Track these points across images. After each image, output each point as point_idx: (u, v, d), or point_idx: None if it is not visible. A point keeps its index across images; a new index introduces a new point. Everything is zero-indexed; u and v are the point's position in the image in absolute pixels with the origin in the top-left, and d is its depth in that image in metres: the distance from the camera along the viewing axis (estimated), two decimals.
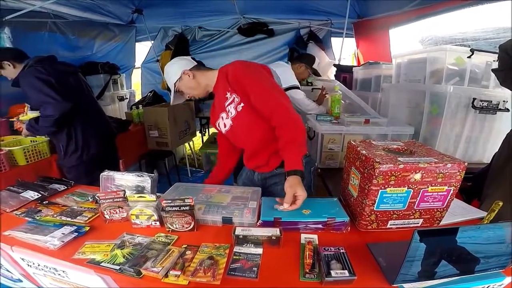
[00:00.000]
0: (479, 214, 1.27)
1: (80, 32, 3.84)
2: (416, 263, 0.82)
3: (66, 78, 2.19)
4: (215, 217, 1.22)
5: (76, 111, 2.17)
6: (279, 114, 1.34)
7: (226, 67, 1.47)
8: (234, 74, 1.41)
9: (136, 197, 1.20)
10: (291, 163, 1.28)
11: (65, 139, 2.21)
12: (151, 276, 0.92)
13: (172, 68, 1.56)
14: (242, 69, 1.41)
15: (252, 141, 1.52)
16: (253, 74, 1.41)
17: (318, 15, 4.75)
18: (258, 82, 1.39)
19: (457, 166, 1.03)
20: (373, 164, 1.02)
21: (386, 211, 1.11)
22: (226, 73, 1.44)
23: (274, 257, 1.02)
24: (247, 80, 1.38)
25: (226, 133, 1.56)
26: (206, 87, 1.56)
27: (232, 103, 1.44)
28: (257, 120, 1.43)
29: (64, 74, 2.19)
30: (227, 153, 1.78)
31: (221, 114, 1.53)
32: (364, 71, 3.42)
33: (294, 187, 1.21)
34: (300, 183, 1.23)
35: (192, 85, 1.55)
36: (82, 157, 2.26)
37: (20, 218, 1.29)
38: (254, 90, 1.37)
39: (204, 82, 1.55)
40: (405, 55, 2.44)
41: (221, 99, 1.50)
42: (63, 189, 1.60)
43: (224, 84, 1.46)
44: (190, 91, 1.57)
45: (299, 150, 1.31)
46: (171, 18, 4.78)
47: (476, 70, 1.92)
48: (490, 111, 1.88)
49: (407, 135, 2.06)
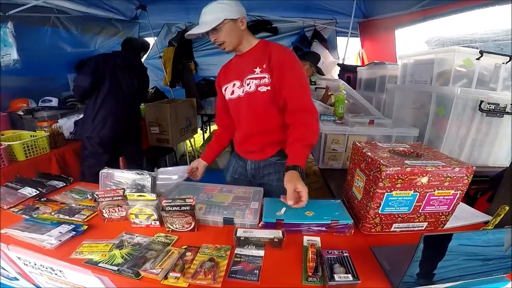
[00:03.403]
0: (484, 218, 1.26)
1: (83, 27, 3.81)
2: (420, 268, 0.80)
3: (110, 69, 2.59)
4: (216, 217, 1.20)
5: (107, 95, 2.58)
6: (304, 115, 1.36)
7: (271, 45, 1.45)
8: (281, 59, 1.39)
9: (135, 195, 1.18)
10: (294, 158, 1.29)
11: (89, 110, 2.59)
12: (150, 277, 0.90)
13: (232, 5, 1.39)
14: (291, 59, 1.41)
15: (253, 122, 1.50)
16: (298, 70, 1.41)
17: (323, 14, 4.70)
18: (299, 80, 1.40)
19: (465, 170, 1.01)
20: (380, 167, 0.99)
21: (391, 214, 1.09)
22: (269, 51, 1.41)
23: (276, 260, 1.00)
24: (290, 72, 1.38)
25: (229, 100, 1.54)
26: (241, 46, 1.48)
27: (257, 79, 1.42)
28: (269, 107, 1.44)
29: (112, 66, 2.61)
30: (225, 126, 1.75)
31: (235, 81, 1.50)
32: (369, 71, 3.38)
33: (294, 182, 1.19)
34: (299, 178, 1.22)
35: (236, 34, 1.42)
36: (93, 132, 2.54)
37: (17, 216, 1.28)
38: (292, 85, 1.38)
39: (244, 40, 1.47)
40: (412, 56, 2.41)
41: (244, 67, 1.47)
42: (62, 185, 1.59)
43: (261, 58, 1.42)
44: (228, 38, 1.41)
45: (306, 150, 1.33)
46: (175, 14, 4.73)
47: (484, 72, 1.88)
48: (497, 114, 1.85)
49: (412, 136, 2.03)
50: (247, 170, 1.62)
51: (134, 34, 4.98)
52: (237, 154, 1.69)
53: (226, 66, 1.63)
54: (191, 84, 4.97)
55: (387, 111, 2.71)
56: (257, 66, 1.42)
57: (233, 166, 1.70)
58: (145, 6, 4.25)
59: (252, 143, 1.55)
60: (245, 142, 1.58)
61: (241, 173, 1.65)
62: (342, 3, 4.17)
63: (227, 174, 1.75)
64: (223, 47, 1.45)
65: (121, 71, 2.67)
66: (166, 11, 4.63)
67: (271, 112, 1.45)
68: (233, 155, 1.75)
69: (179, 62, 4.89)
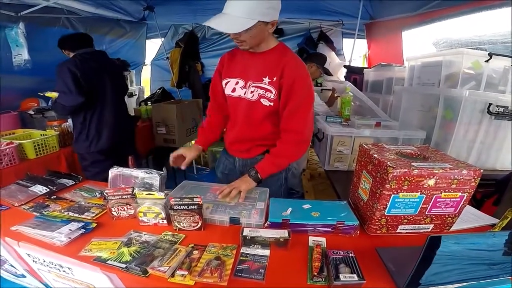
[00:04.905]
0: (490, 221, 1.25)
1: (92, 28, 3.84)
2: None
3: (93, 75, 2.28)
4: (222, 216, 1.21)
5: (94, 106, 2.31)
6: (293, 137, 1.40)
7: (288, 57, 1.36)
8: (294, 78, 1.32)
9: (144, 194, 1.19)
10: (261, 166, 1.41)
11: (79, 127, 2.34)
12: (158, 275, 0.91)
13: (273, 4, 1.23)
14: (303, 79, 1.36)
15: (248, 129, 1.51)
16: (306, 92, 1.37)
17: (330, 16, 4.69)
18: (303, 105, 1.37)
19: (472, 173, 1.01)
20: (387, 169, 1.00)
21: (397, 216, 1.09)
22: (284, 64, 1.33)
23: (282, 259, 1.01)
24: (298, 96, 1.35)
25: (229, 96, 1.50)
26: (258, 47, 1.36)
27: (261, 90, 1.38)
28: (267, 119, 1.44)
29: (93, 71, 2.29)
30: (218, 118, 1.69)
31: (239, 79, 1.44)
32: (376, 73, 3.37)
33: (239, 182, 1.38)
34: (246, 180, 1.39)
35: (260, 37, 1.30)
36: (89, 148, 2.36)
37: (28, 213, 1.30)
38: (295, 107, 1.36)
39: (264, 42, 1.36)
40: (419, 58, 2.40)
41: (252, 69, 1.40)
42: (71, 184, 1.61)
43: (273, 68, 1.35)
44: (250, 40, 1.29)
45: (273, 168, 1.44)
46: (182, 15, 4.76)
47: (493, 75, 1.87)
48: (506, 117, 1.83)
49: (419, 139, 2.02)
50: (235, 166, 1.65)
51: (141, 35, 5.03)
52: (226, 151, 1.70)
53: (231, 56, 1.50)
54: (197, 85, 5.00)
55: (393, 114, 2.70)
56: (267, 75, 1.36)
57: (223, 162, 1.72)
58: (153, 7, 4.29)
59: (243, 145, 1.57)
60: (236, 143, 1.61)
61: (231, 169, 1.67)
62: (349, 4, 4.17)
63: (217, 171, 1.78)
64: (240, 45, 1.34)
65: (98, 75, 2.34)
66: (173, 12, 4.66)
67: (267, 124, 1.46)
68: (222, 153, 1.75)
69: (186, 63, 4.91)
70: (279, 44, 1.40)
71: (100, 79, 2.35)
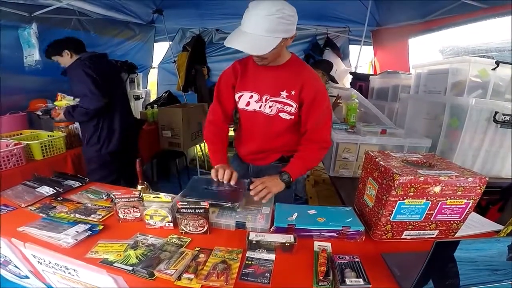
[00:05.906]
0: (495, 227, 1.26)
1: (101, 30, 3.89)
2: None
3: (108, 76, 2.31)
4: (228, 221, 1.21)
5: (108, 107, 2.29)
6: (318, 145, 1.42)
7: (306, 71, 1.38)
8: (314, 93, 1.35)
9: (151, 197, 1.20)
10: (292, 168, 1.39)
11: (91, 130, 2.34)
12: (164, 278, 0.91)
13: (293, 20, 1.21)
14: (322, 93, 1.39)
15: (268, 141, 1.51)
16: (326, 104, 1.41)
17: (336, 22, 4.72)
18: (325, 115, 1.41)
19: (478, 180, 1.02)
20: (393, 176, 1.00)
21: (402, 222, 1.10)
22: (303, 79, 1.34)
23: (287, 264, 1.01)
24: (320, 109, 1.38)
25: (243, 110, 1.46)
26: (274, 61, 1.34)
27: (280, 104, 1.38)
28: (287, 131, 1.46)
29: (107, 72, 2.32)
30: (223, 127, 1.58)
31: (253, 93, 1.41)
32: (382, 80, 3.37)
33: (270, 180, 1.35)
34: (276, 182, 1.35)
35: (280, 51, 1.29)
36: (100, 151, 2.36)
37: (34, 214, 1.31)
38: (318, 119, 1.39)
39: (281, 56, 1.35)
40: (426, 66, 2.40)
41: (267, 83, 1.38)
42: (77, 185, 1.62)
43: (291, 83, 1.35)
44: (271, 56, 1.26)
45: (303, 170, 1.45)
46: (190, 19, 4.81)
47: (500, 83, 1.86)
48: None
49: (424, 147, 2.01)
50: (249, 172, 1.65)
51: (150, 38, 5.07)
52: (239, 158, 1.68)
53: (243, 66, 1.44)
54: (203, 89, 5.03)
55: (399, 121, 2.70)
56: (284, 89, 1.35)
57: (235, 169, 1.67)
58: (162, 10, 4.33)
59: (259, 155, 1.58)
60: (253, 154, 1.60)
61: (244, 174, 1.63)
62: (356, 11, 4.18)
63: None
64: (260, 62, 1.31)
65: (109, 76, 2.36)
66: (181, 16, 4.70)
67: (286, 134, 1.48)
68: (234, 159, 1.72)
69: (192, 67, 4.95)
70: (292, 56, 1.40)
71: (112, 81, 2.38)
